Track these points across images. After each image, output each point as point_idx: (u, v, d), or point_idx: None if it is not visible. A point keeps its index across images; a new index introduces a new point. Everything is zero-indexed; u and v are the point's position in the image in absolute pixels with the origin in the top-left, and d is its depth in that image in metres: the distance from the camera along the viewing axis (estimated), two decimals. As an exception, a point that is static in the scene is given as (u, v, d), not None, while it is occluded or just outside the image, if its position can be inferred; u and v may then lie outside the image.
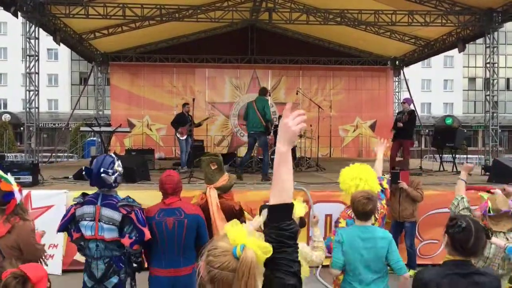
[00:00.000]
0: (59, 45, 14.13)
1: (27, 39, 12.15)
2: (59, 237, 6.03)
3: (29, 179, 7.60)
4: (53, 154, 17.65)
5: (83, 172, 3.78)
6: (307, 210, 4.69)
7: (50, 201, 6.76)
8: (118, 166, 3.60)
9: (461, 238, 2.60)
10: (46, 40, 17.63)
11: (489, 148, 12.96)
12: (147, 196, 6.44)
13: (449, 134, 11.75)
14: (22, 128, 25.51)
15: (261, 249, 1.57)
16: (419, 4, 12.48)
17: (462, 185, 3.89)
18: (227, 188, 4.11)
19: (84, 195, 3.69)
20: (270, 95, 10.86)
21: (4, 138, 28.43)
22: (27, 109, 12.35)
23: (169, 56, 17.32)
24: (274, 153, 9.71)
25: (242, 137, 17.33)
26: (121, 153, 14.94)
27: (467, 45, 14.30)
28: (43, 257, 3.54)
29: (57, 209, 6.46)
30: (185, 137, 11.25)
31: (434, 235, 7.02)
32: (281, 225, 1.67)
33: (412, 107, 11.13)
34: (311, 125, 12.85)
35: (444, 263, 2.68)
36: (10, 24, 40.49)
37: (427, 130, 19.39)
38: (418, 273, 2.66)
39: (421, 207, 6.83)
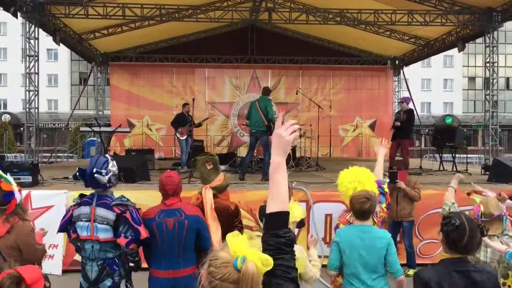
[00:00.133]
0: (59, 45, 14.13)
1: (27, 39, 12.15)
2: (59, 237, 6.03)
3: (29, 179, 7.58)
4: (53, 154, 17.66)
5: (77, 173, 3.79)
6: (305, 212, 4.71)
7: (50, 202, 6.75)
8: (113, 166, 3.59)
9: (455, 236, 2.61)
10: (45, 40, 17.59)
11: (489, 147, 12.97)
12: (147, 196, 6.44)
13: (449, 134, 11.75)
14: (22, 129, 25.49)
15: (262, 261, 1.59)
16: (419, 4, 12.48)
17: (452, 193, 3.89)
18: (222, 188, 4.10)
19: (81, 196, 3.70)
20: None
21: (4, 138, 28.41)
22: (27, 109, 12.35)
23: (168, 56, 17.32)
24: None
25: (242, 137, 17.33)
26: (121, 153, 14.94)
27: (466, 44, 14.29)
28: (43, 257, 3.55)
29: (57, 210, 6.46)
30: (185, 137, 11.25)
31: (434, 234, 7.01)
32: (278, 233, 1.73)
33: (411, 106, 11.13)
34: (311, 125, 12.84)
35: (442, 261, 2.68)
36: (10, 24, 40.50)
37: (427, 130, 19.34)
38: (418, 273, 2.65)
39: (421, 207, 6.83)
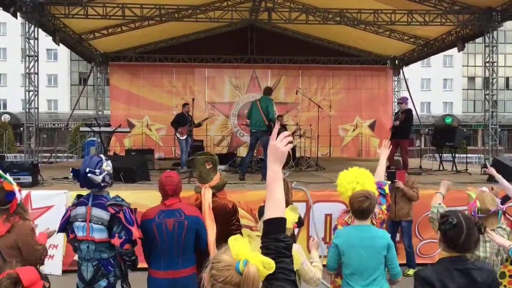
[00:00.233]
0: (59, 45, 14.13)
1: (27, 40, 12.14)
2: (59, 237, 6.02)
3: (29, 179, 7.59)
4: (53, 154, 17.65)
5: (71, 174, 3.78)
6: (300, 215, 4.72)
7: (50, 202, 6.76)
8: (107, 166, 3.58)
9: (452, 234, 2.60)
10: (45, 41, 17.57)
11: (489, 147, 12.97)
12: (147, 196, 6.46)
13: (448, 133, 11.75)
14: (21, 129, 25.47)
15: (264, 264, 1.60)
16: (419, 4, 12.48)
17: (440, 198, 3.88)
18: (220, 187, 4.12)
19: (78, 196, 3.70)
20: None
21: (4, 138, 28.41)
22: (27, 109, 12.34)
23: (168, 56, 17.31)
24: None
25: (242, 137, 17.32)
26: (121, 153, 14.94)
27: (466, 44, 14.28)
28: (43, 257, 3.55)
29: (57, 210, 6.46)
30: (185, 137, 11.26)
31: (433, 234, 6.97)
32: (278, 237, 1.79)
33: (410, 105, 11.13)
34: (310, 125, 12.84)
35: (440, 260, 2.67)
36: (10, 24, 40.45)
37: (426, 130, 19.34)
38: (420, 273, 2.63)
39: (420, 207, 6.82)
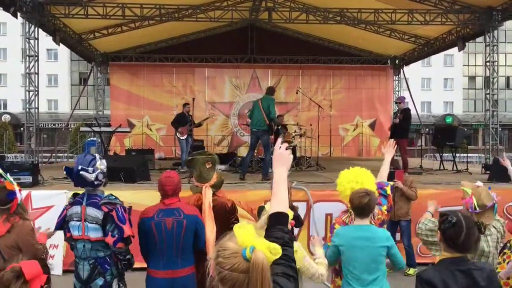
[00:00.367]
0: (59, 45, 14.12)
1: (27, 40, 12.14)
2: (59, 237, 6.02)
3: (29, 179, 7.59)
4: (53, 154, 17.66)
5: (64, 172, 3.77)
6: (299, 215, 4.73)
7: (50, 202, 6.76)
8: (101, 164, 3.56)
9: (452, 233, 2.59)
10: (45, 41, 17.59)
11: (489, 146, 12.95)
12: (147, 196, 6.45)
13: (449, 133, 11.75)
14: (22, 129, 25.49)
15: (270, 250, 1.62)
16: (419, 3, 12.47)
17: (429, 216, 3.88)
18: (218, 185, 4.14)
19: (74, 195, 3.69)
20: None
21: (4, 138, 28.43)
22: (27, 109, 12.34)
23: (168, 56, 17.31)
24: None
25: (242, 136, 17.32)
26: (121, 153, 14.94)
27: (467, 43, 14.27)
28: (44, 257, 3.54)
29: (57, 210, 6.39)
30: (185, 137, 11.25)
31: (434, 233, 7.01)
32: (283, 228, 1.90)
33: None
34: (311, 125, 12.84)
35: (442, 261, 2.65)
36: (10, 24, 40.51)
37: (427, 129, 19.32)
38: (422, 275, 2.60)
39: (421, 206, 6.79)
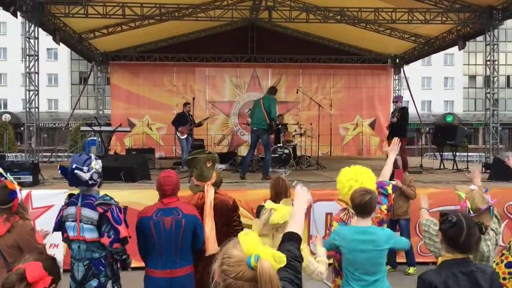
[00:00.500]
0: (59, 44, 14.10)
1: (27, 39, 12.12)
2: (59, 237, 6.02)
3: (30, 179, 7.58)
4: (53, 154, 17.68)
5: (58, 171, 3.76)
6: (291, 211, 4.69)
7: (50, 201, 6.74)
8: (96, 164, 3.56)
9: (453, 233, 2.58)
10: (45, 40, 17.56)
11: (490, 145, 12.95)
12: (147, 195, 6.44)
13: (449, 132, 11.75)
14: (22, 128, 25.50)
15: (275, 258, 1.62)
16: (419, 2, 12.46)
17: (426, 213, 3.87)
18: (218, 184, 4.15)
19: (70, 195, 3.70)
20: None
21: (4, 138, 28.43)
22: (27, 109, 12.33)
23: (169, 55, 17.29)
24: (274, 152, 9.59)
25: (242, 136, 17.31)
26: (122, 152, 14.94)
27: (467, 42, 14.24)
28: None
29: (57, 209, 6.35)
30: (185, 136, 11.24)
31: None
32: (296, 245, 2.09)
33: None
34: (311, 124, 12.84)
35: (444, 262, 2.63)
36: (10, 24, 40.50)
37: (427, 128, 19.34)
38: (424, 277, 2.59)
39: (420, 205, 6.81)
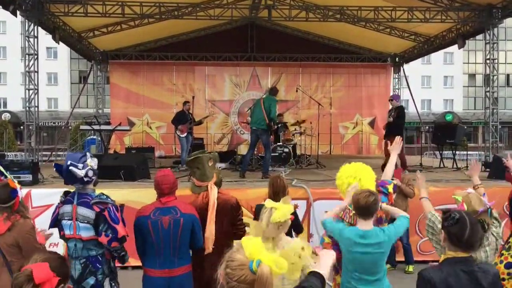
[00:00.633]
0: (58, 43, 14.08)
1: (26, 38, 12.09)
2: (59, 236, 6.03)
3: (29, 178, 7.59)
4: (53, 152, 17.67)
5: (54, 169, 3.76)
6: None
7: (50, 200, 6.73)
8: (91, 162, 3.56)
9: (456, 230, 2.58)
10: (45, 39, 17.56)
11: (489, 144, 12.92)
12: (147, 194, 6.43)
13: (449, 131, 11.76)
14: (22, 127, 25.47)
15: (276, 264, 1.68)
16: (419, 1, 12.44)
17: (428, 203, 3.83)
18: (219, 183, 4.15)
19: (66, 193, 3.69)
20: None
21: (4, 137, 28.45)
22: (27, 108, 12.31)
23: (168, 54, 17.28)
24: (274, 151, 9.60)
25: (242, 134, 17.32)
26: (121, 151, 14.95)
27: (466, 41, 14.24)
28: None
29: (57, 208, 6.46)
30: (185, 135, 11.23)
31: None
32: (317, 280, 2.02)
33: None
34: (311, 123, 12.84)
35: (446, 260, 2.62)
36: (9, 23, 40.42)
37: (427, 127, 19.34)
38: (424, 274, 2.58)
39: (421, 204, 6.80)
